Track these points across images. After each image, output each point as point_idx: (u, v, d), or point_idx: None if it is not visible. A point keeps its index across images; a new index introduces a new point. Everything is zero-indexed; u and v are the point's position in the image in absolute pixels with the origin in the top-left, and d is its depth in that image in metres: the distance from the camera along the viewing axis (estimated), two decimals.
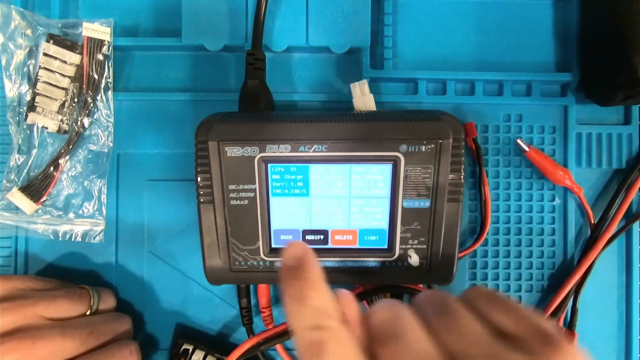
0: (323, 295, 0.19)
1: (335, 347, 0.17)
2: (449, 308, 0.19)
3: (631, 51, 0.28)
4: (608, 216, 0.31)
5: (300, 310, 0.18)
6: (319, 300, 0.19)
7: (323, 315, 0.18)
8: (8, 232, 0.32)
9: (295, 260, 0.20)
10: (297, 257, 0.20)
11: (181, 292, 0.32)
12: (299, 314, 0.18)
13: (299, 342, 0.18)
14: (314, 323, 0.18)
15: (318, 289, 0.19)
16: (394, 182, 0.27)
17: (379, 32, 0.32)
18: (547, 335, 0.17)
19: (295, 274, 0.19)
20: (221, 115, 0.27)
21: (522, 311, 0.18)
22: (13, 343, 0.24)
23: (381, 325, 0.19)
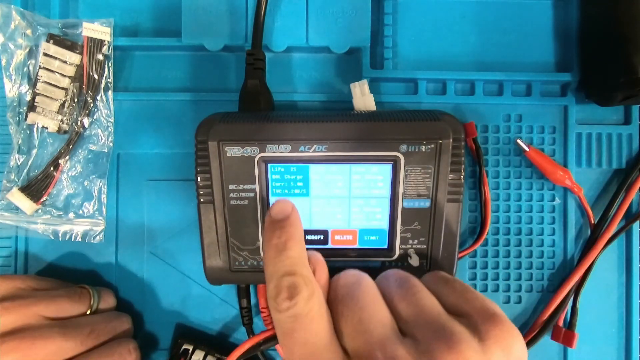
0: (301, 250, 0.21)
1: (306, 292, 0.19)
2: (408, 282, 0.21)
3: (631, 51, 0.28)
4: (608, 216, 0.31)
5: (280, 257, 0.20)
6: (297, 252, 0.20)
7: (299, 264, 0.20)
8: (8, 232, 0.32)
9: (282, 214, 0.21)
10: (284, 212, 0.21)
11: (181, 292, 0.32)
12: (277, 261, 0.20)
13: (273, 287, 0.19)
14: (291, 269, 0.19)
15: (298, 243, 0.21)
16: (394, 182, 0.27)
17: (379, 32, 0.32)
18: (491, 313, 0.19)
19: (281, 226, 0.21)
20: (221, 115, 0.27)
21: (473, 294, 0.20)
22: (13, 343, 0.24)
23: (344, 286, 0.20)
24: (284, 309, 0.19)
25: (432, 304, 0.20)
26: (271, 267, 0.20)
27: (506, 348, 0.18)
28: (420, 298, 0.20)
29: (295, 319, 0.19)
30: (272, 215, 0.21)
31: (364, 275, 0.21)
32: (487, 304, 0.20)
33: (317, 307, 0.19)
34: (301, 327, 0.19)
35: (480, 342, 0.18)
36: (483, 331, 0.18)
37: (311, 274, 0.20)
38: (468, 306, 0.20)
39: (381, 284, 0.22)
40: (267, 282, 0.20)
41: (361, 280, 0.21)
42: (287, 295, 0.19)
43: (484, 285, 0.32)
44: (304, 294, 0.19)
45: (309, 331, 0.19)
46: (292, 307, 0.19)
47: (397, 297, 0.20)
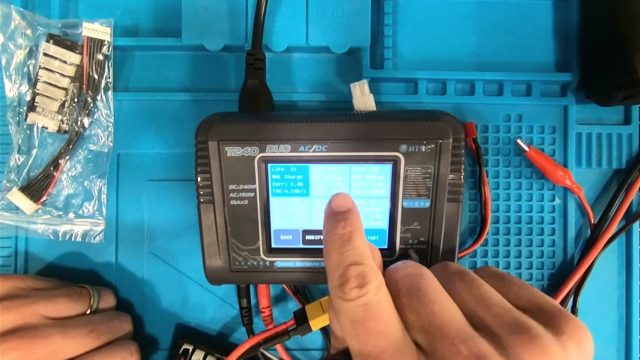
0: (365, 243, 0.20)
1: (375, 281, 0.19)
2: (468, 275, 0.20)
3: (631, 51, 0.28)
4: (608, 216, 0.31)
5: (346, 247, 0.20)
6: (363, 243, 0.20)
7: (365, 255, 0.20)
8: (8, 232, 0.32)
9: (344, 207, 0.21)
10: (346, 205, 0.21)
11: (181, 292, 0.32)
12: (343, 251, 0.20)
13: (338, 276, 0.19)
14: (357, 260, 0.19)
15: (362, 236, 0.20)
16: (394, 182, 0.27)
17: (379, 32, 0.32)
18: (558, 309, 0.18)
19: (345, 217, 0.21)
20: (221, 115, 0.27)
21: (533, 289, 0.20)
22: (13, 342, 0.24)
23: (406, 277, 0.20)
24: (353, 298, 0.18)
25: (499, 298, 0.19)
26: (336, 257, 0.20)
27: (580, 344, 0.17)
28: (485, 291, 0.19)
29: (367, 308, 0.18)
30: (334, 207, 0.21)
31: (422, 267, 0.20)
32: (551, 301, 0.19)
33: (387, 297, 0.19)
34: (373, 316, 0.18)
35: (556, 337, 0.17)
36: (557, 326, 0.18)
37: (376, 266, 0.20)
38: (532, 302, 0.19)
39: (439, 276, 0.20)
40: (332, 271, 0.20)
41: (423, 272, 0.20)
42: (357, 284, 0.18)
43: None
44: (374, 283, 0.18)
45: (382, 321, 0.18)
46: (363, 296, 0.18)
47: (461, 290, 0.19)
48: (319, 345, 0.33)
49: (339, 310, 0.19)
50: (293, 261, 0.28)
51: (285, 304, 0.33)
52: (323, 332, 0.30)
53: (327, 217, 0.21)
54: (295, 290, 0.31)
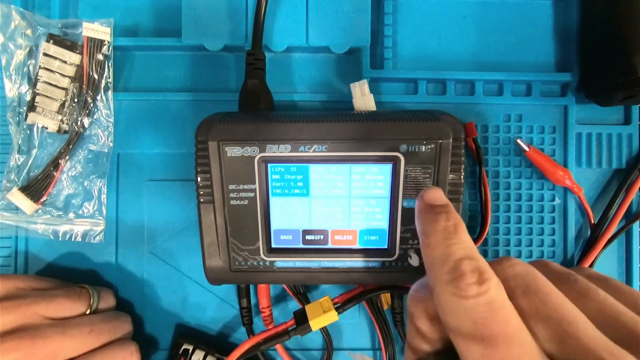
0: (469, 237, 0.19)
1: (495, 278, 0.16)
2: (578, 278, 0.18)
3: (631, 51, 0.28)
4: (608, 216, 0.31)
5: (453, 240, 0.18)
6: (469, 237, 0.18)
7: (476, 250, 0.18)
8: (8, 232, 0.32)
9: (440, 200, 0.20)
10: (441, 200, 0.20)
11: (181, 292, 0.32)
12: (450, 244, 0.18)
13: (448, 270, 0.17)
14: (469, 254, 0.17)
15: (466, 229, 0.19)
16: (394, 182, 0.27)
17: (379, 32, 0.32)
18: None
19: (445, 209, 0.19)
20: (221, 115, 0.27)
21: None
22: (13, 342, 0.24)
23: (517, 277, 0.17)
24: (473, 295, 0.16)
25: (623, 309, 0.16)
26: (441, 250, 0.18)
27: None
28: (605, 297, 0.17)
29: (491, 307, 0.16)
30: (429, 200, 0.20)
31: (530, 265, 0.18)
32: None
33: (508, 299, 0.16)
34: (500, 318, 0.16)
35: None
36: None
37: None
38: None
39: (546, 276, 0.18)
40: (437, 266, 0.17)
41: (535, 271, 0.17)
42: (475, 280, 0.16)
43: None
44: (494, 279, 0.16)
45: (510, 325, 0.16)
46: (485, 293, 0.16)
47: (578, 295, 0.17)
48: (319, 345, 0.33)
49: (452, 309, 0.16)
50: (293, 261, 0.28)
51: (285, 304, 0.33)
52: (323, 332, 0.30)
53: (423, 211, 0.20)
54: (295, 290, 0.31)
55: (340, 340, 0.33)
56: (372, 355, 0.33)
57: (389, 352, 0.31)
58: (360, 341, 0.33)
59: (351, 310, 0.30)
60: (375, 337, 0.33)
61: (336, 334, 0.32)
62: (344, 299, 0.30)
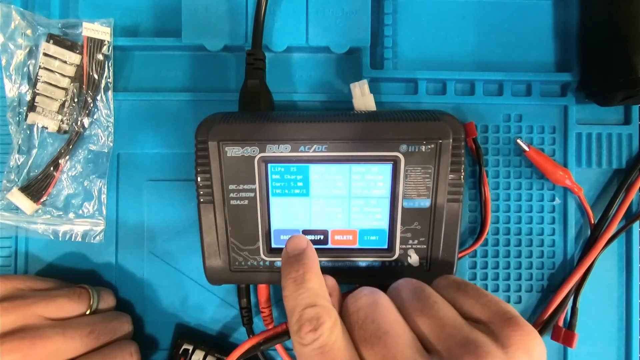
0: (320, 281, 0.21)
1: (329, 322, 0.19)
2: (423, 294, 0.21)
3: (631, 51, 0.28)
4: (608, 216, 0.31)
5: (300, 290, 0.20)
6: (316, 284, 0.21)
7: (319, 297, 0.20)
8: (8, 232, 0.32)
9: (297, 249, 0.22)
10: (299, 247, 0.22)
11: (181, 292, 0.32)
12: (297, 295, 0.20)
13: (295, 321, 0.19)
14: (311, 302, 0.20)
15: (316, 275, 0.21)
16: (394, 182, 0.27)
17: (379, 32, 0.32)
18: (509, 317, 0.19)
19: (298, 259, 0.22)
20: (221, 115, 0.27)
21: (487, 297, 0.20)
22: (13, 343, 0.24)
23: (361, 309, 0.20)
24: (309, 342, 0.19)
25: (451, 315, 0.20)
26: (292, 302, 0.20)
27: (528, 352, 0.18)
28: (438, 309, 0.20)
29: (322, 350, 0.19)
30: (289, 250, 0.22)
31: (378, 293, 0.21)
32: (503, 307, 0.20)
33: (342, 336, 0.19)
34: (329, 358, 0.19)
35: (503, 350, 0.18)
36: (504, 338, 0.18)
37: (331, 304, 0.20)
38: (485, 312, 0.20)
39: (396, 298, 0.21)
40: (289, 317, 0.20)
41: (378, 300, 0.20)
42: (311, 328, 0.19)
43: (484, 285, 0.32)
44: (327, 324, 0.19)
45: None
46: (318, 339, 0.19)
47: (416, 311, 0.20)
48: None
49: (298, 355, 0.20)
50: None
51: None
52: None
53: (283, 262, 0.22)
54: None
55: None
56: None
57: None
58: None
59: None
60: None
61: None
62: None
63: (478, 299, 0.20)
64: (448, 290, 0.21)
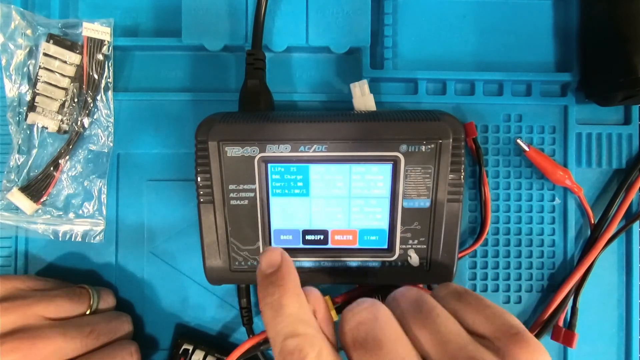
0: (299, 303, 0.19)
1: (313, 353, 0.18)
2: (425, 306, 0.20)
3: (631, 51, 0.28)
4: (608, 216, 0.31)
5: (278, 318, 0.19)
6: (295, 308, 0.19)
7: (299, 323, 0.19)
8: (8, 232, 0.32)
9: (271, 267, 0.20)
10: (273, 264, 0.20)
11: (181, 292, 0.32)
12: (277, 322, 0.19)
13: (278, 353, 0.18)
14: (291, 331, 0.18)
15: (294, 296, 0.19)
16: (394, 182, 0.27)
17: (379, 32, 0.32)
18: (514, 332, 0.18)
19: (272, 281, 0.20)
20: (221, 115, 0.27)
21: (491, 309, 0.19)
22: (13, 343, 0.24)
23: (360, 326, 0.19)
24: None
25: (455, 330, 0.19)
26: (272, 330, 0.19)
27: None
28: (440, 324, 0.19)
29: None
30: (262, 269, 0.20)
31: (377, 306, 0.20)
32: (509, 321, 0.19)
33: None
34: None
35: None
36: (511, 356, 0.17)
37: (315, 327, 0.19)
38: (489, 326, 0.19)
39: (396, 309, 0.20)
40: (272, 346, 0.19)
41: (377, 315, 0.19)
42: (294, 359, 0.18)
43: (484, 285, 0.32)
44: (310, 355, 0.18)
45: None
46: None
47: (417, 324, 0.19)
48: None
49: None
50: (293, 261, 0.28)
51: None
52: None
53: (259, 283, 0.20)
54: None
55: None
56: None
57: None
58: None
59: None
60: None
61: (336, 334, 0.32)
62: (344, 299, 0.30)
63: (481, 310, 0.19)
64: (449, 301, 0.20)
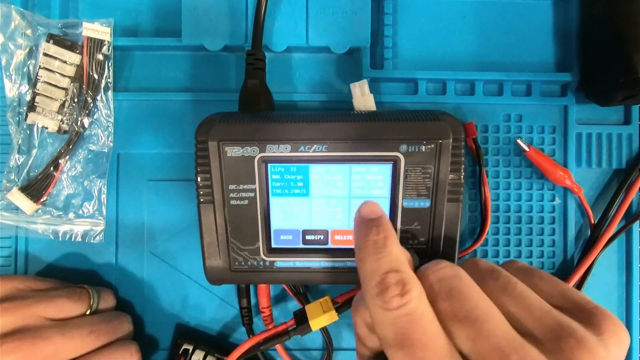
0: (400, 249, 0.20)
1: (416, 289, 0.18)
2: (501, 274, 0.19)
3: (631, 51, 0.28)
4: (608, 216, 0.31)
5: (381, 254, 0.19)
6: (398, 250, 0.19)
7: (402, 262, 0.19)
8: (8, 232, 0.32)
9: (374, 214, 0.21)
10: (376, 213, 0.21)
11: (181, 292, 0.32)
12: (379, 258, 0.19)
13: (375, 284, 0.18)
14: (395, 266, 0.18)
15: (396, 242, 0.20)
16: (394, 182, 0.27)
17: (379, 32, 0.32)
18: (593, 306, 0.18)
19: (378, 224, 0.20)
20: (221, 115, 0.27)
21: (562, 284, 0.19)
22: (13, 344, 0.24)
23: (443, 280, 0.18)
24: (395, 307, 0.17)
25: (537, 298, 0.18)
26: (370, 264, 0.19)
27: (620, 342, 0.17)
28: (522, 291, 0.18)
29: (411, 318, 0.17)
30: (364, 214, 0.21)
31: (457, 266, 0.19)
32: (584, 297, 0.18)
33: (429, 306, 0.18)
34: (418, 327, 0.17)
35: (597, 336, 0.17)
36: (596, 325, 0.17)
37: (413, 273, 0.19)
38: (566, 300, 0.18)
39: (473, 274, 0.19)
40: (367, 279, 0.19)
41: (459, 273, 0.19)
42: (397, 292, 0.17)
43: None
44: (415, 290, 0.17)
45: (427, 333, 0.17)
46: (405, 305, 0.17)
47: (498, 291, 0.18)
48: (319, 345, 0.33)
49: (379, 320, 0.18)
50: (293, 261, 0.28)
51: (285, 304, 0.33)
52: (323, 332, 0.30)
53: (358, 225, 0.21)
54: (295, 290, 0.31)
55: (340, 340, 0.33)
56: None
57: None
58: None
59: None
60: None
61: (336, 334, 0.32)
62: (344, 299, 0.30)
63: (554, 286, 0.19)
64: (519, 276, 0.20)
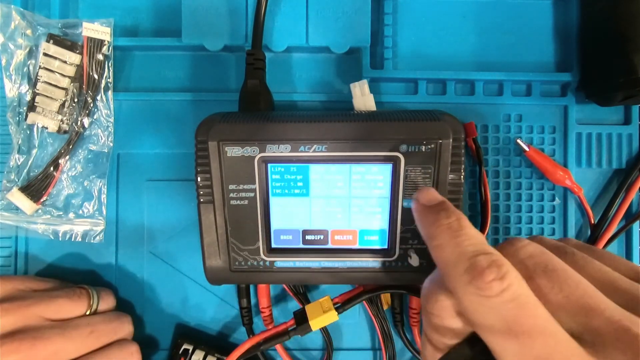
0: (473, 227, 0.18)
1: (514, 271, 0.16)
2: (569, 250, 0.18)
3: (631, 51, 0.28)
4: (608, 216, 0.31)
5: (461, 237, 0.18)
6: (474, 229, 0.18)
7: (485, 243, 0.17)
8: (8, 232, 0.32)
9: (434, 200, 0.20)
10: (435, 198, 0.20)
11: (181, 292, 0.32)
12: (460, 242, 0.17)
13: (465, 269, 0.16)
14: (482, 249, 0.17)
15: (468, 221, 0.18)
16: (394, 182, 0.27)
17: (379, 32, 0.32)
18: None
19: (443, 208, 0.19)
20: (221, 115, 0.27)
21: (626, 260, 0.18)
22: (13, 344, 0.24)
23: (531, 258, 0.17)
24: (497, 293, 0.15)
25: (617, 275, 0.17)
26: (451, 249, 0.17)
27: None
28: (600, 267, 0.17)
29: (518, 303, 0.15)
30: (425, 201, 0.20)
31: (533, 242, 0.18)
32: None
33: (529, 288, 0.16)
34: (528, 313, 0.15)
35: None
36: None
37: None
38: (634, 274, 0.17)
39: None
40: (450, 267, 0.17)
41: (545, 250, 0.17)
42: (495, 276, 0.15)
43: None
44: (513, 272, 0.16)
45: (539, 318, 0.15)
46: (508, 289, 0.15)
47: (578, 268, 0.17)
48: (319, 345, 0.33)
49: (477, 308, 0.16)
50: (293, 261, 0.28)
51: (285, 304, 0.33)
52: (323, 332, 0.30)
53: (422, 212, 0.20)
54: (295, 290, 0.31)
55: (340, 340, 0.33)
56: (372, 355, 0.33)
57: (389, 352, 0.31)
58: (360, 341, 0.33)
59: (351, 310, 0.30)
60: (375, 337, 0.33)
61: (336, 334, 0.32)
62: (344, 299, 0.30)
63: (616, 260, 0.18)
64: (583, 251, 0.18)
